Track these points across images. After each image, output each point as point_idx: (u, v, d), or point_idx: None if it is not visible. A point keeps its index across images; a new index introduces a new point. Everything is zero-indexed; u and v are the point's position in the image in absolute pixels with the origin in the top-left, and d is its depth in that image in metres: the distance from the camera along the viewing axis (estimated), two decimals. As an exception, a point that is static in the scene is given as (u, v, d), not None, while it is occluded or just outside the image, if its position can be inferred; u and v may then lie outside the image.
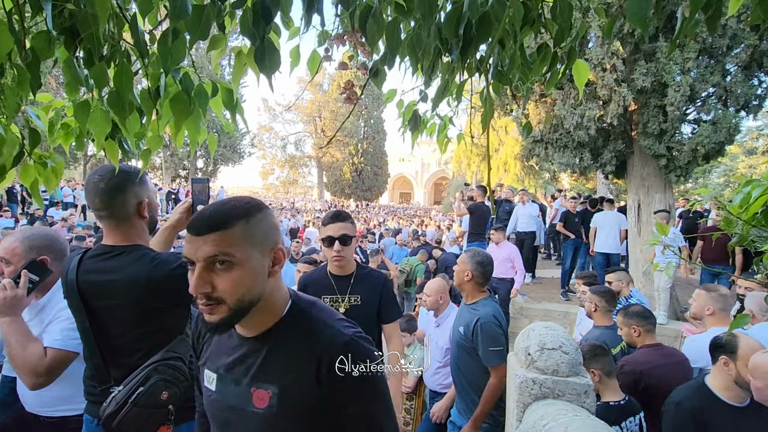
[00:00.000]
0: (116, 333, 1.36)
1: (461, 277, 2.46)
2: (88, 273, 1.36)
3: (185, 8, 0.92)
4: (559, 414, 1.47)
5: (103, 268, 1.36)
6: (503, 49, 1.07)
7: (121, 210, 1.40)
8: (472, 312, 2.40)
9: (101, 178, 1.38)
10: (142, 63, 1.13)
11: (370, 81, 1.15)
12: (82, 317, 1.35)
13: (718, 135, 5.95)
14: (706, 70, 5.96)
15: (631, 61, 6.36)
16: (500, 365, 2.24)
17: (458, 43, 0.94)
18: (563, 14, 1.07)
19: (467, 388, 2.44)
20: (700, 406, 1.91)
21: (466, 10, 0.90)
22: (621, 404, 2.12)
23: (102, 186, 1.38)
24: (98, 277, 1.35)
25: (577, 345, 1.75)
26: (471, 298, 2.48)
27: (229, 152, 28.35)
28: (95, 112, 1.12)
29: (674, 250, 1.68)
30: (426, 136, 1.67)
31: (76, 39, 1.07)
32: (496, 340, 2.28)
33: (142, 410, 1.28)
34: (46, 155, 1.37)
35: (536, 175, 19.26)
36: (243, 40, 1.12)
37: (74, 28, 1.09)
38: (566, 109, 6.64)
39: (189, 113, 1.12)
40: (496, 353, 2.26)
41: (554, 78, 1.23)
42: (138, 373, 1.32)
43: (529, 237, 7.94)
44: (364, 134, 35.72)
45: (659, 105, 6.24)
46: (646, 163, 6.87)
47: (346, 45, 1.13)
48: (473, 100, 1.47)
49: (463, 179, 22.23)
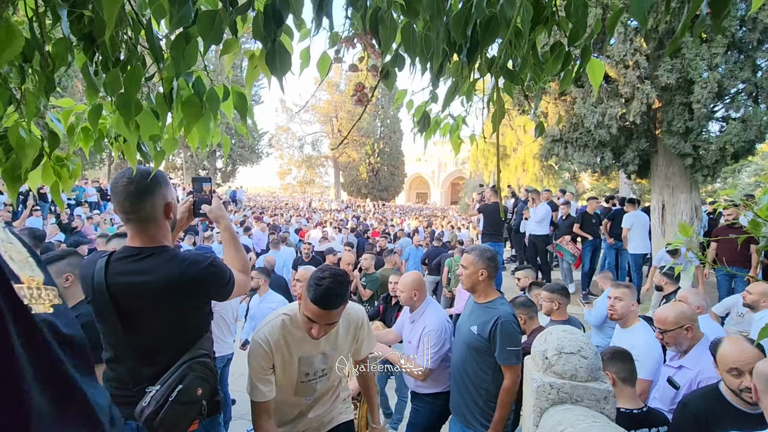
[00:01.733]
0: (148, 333, 1.39)
1: (475, 278, 2.39)
2: (118, 275, 1.37)
3: (188, 14, 0.93)
4: (577, 420, 1.43)
5: (134, 270, 1.38)
6: (514, 49, 1.04)
7: (150, 212, 1.42)
8: (489, 310, 2.34)
9: (130, 180, 1.38)
10: (157, 67, 1.16)
11: (382, 83, 1.14)
12: (112, 319, 1.35)
13: (748, 133, 5.72)
14: (735, 65, 5.73)
15: (655, 57, 6.17)
16: (515, 366, 2.22)
17: (466, 44, 0.93)
18: (578, 12, 1.04)
19: (472, 391, 2.35)
20: (707, 409, 1.85)
21: (474, 11, 0.89)
22: (633, 413, 2.03)
23: (132, 189, 1.38)
24: (131, 279, 1.36)
25: (596, 349, 1.70)
26: (485, 297, 2.41)
27: (247, 152, 28.85)
28: (118, 116, 1.15)
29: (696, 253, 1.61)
30: (441, 136, 1.66)
31: (94, 45, 1.10)
32: (515, 340, 2.26)
33: (181, 407, 1.33)
34: (64, 156, 1.41)
35: (556, 174, 18.88)
36: (256, 44, 1.12)
37: (93, 35, 1.12)
38: (586, 107, 6.49)
39: (200, 116, 1.14)
40: (514, 353, 2.23)
41: (568, 77, 1.19)
42: (174, 371, 1.36)
43: (541, 240, 7.58)
44: (381, 134, 35.75)
45: (685, 102, 6.04)
46: (671, 163, 6.65)
47: (356, 47, 1.13)
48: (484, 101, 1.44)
49: (480, 179, 22.00)
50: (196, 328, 1.48)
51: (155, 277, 1.36)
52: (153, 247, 1.43)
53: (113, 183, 1.40)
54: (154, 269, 1.37)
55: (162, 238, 1.47)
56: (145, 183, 1.40)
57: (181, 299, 1.39)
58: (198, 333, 1.48)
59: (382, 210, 26.36)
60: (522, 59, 1.11)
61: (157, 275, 1.36)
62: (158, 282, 1.36)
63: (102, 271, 1.36)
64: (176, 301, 1.39)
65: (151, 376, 1.37)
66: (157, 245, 1.44)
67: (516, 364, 2.22)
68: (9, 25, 0.89)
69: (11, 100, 1.13)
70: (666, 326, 2.35)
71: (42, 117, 1.33)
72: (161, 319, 1.39)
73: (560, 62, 1.12)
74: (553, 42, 1.15)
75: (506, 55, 1.05)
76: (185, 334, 1.44)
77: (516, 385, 2.25)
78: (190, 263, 1.41)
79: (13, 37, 0.89)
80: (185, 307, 1.42)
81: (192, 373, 1.38)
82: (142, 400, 1.31)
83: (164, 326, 1.40)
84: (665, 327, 2.35)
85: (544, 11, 1.06)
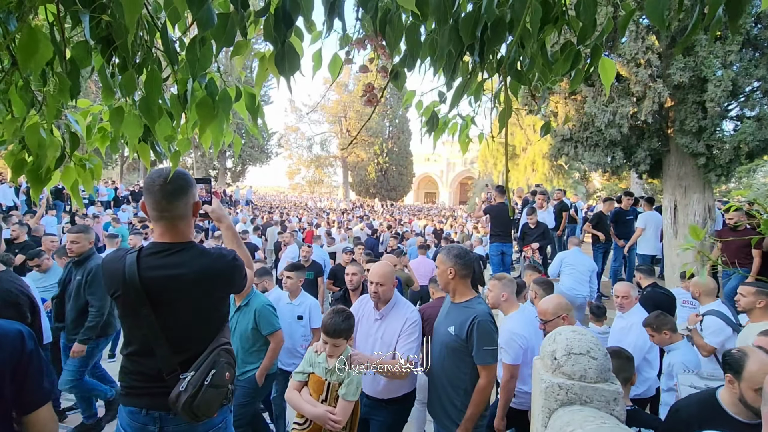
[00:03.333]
0: (181, 324, 1.48)
1: (445, 276, 2.39)
2: (152, 269, 1.45)
3: (211, 18, 0.96)
4: (585, 421, 1.43)
5: (168, 264, 1.46)
6: (524, 49, 1.05)
7: (183, 210, 1.51)
8: (465, 310, 2.32)
9: (167, 180, 1.46)
10: (171, 69, 1.18)
11: (391, 84, 1.15)
12: (144, 311, 1.43)
13: (764, 132, 5.61)
14: (750, 63, 5.63)
15: (668, 55, 6.08)
16: (491, 365, 2.23)
17: (475, 45, 0.94)
18: (587, 11, 1.04)
19: (449, 392, 2.33)
20: (699, 416, 1.83)
21: (484, 13, 0.90)
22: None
23: (169, 188, 1.46)
24: (165, 272, 1.45)
25: (605, 351, 1.69)
26: (461, 297, 2.40)
27: (256, 152, 29.08)
28: (129, 117, 1.18)
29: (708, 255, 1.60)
30: (450, 135, 1.66)
31: (111, 48, 1.13)
32: (491, 339, 2.26)
33: (215, 390, 1.44)
34: (86, 157, 1.45)
35: (566, 174, 18.70)
36: (267, 46, 1.15)
37: (110, 38, 1.15)
38: (597, 106, 6.42)
39: (213, 117, 1.17)
40: (490, 352, 2.23)
41: (578, 77, 1.19)
42: (206, 358, 1.47)
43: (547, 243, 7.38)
44: (389, 134, 35.75)
45: (698, 101, 5.94)
46: (684, 162, 6.55)
47: (367, 48, 1.15)
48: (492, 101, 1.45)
49: (489, 179, 21.87)
50: (221, 318, 1.59)
51: (189, 269, 1.46)
52: (183, 242, 1.51)
53: (149, 182, 1.47)
54: (187, 263, 1.47)
55: (189, 234, 1.56)
56: (181, 183, 1.48)
57: (211, 290, 1.50)
58: (222, 322, 1.60)
59: (390, 210, 26.34)
60: (530, 59, 1.12)
61: (190, 268, 1.46)
62: (192, 274, 1.45)
63: (134, 266, 1.43)
64: (206, 292, 1.49)
65: (182, 363, 1.46)
66: (186, 241, 1.53)
67: (492, 363, 2.23)
68: (33, 30, 0.92)
69: (33, 102, 1.16)
70: (546, 317, 2.64)
71: (60, 119, 1.37)
72: (193, 309, 1.48)
73: (570, 62, 1.12)
74: (564, 41, 1.15)
75: (515, 54, 1.05)
76: (212, 323, 1.54)
77: (491, 384, 2.27)
78: (217, 257, 1.53)
79: (38, 42, 0.92)
80: (213, 297, 1.53)
81: (221, 359, 1.48)
82: (178, 386, 1.40)
83: (196, 316, 1.50)
84: (546, 317, 2.65)
85: (554, 10, 1.07)
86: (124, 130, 1.18)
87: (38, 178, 1.30)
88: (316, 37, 1.22)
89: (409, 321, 2.49)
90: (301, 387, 2.23)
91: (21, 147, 1.32)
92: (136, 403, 1.49)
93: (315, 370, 2.20)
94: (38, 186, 1.33)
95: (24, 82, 1.12)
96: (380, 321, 2.58)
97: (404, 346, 2.43)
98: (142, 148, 1.45)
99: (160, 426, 1.46)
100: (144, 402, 1.48)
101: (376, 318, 2.59)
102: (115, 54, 1.19)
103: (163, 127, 1.24)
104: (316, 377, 2.19)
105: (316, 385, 2.18)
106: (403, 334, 2.46)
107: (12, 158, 1.33)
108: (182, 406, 1.38)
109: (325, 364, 2.16)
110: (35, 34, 0.97)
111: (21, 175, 1.33)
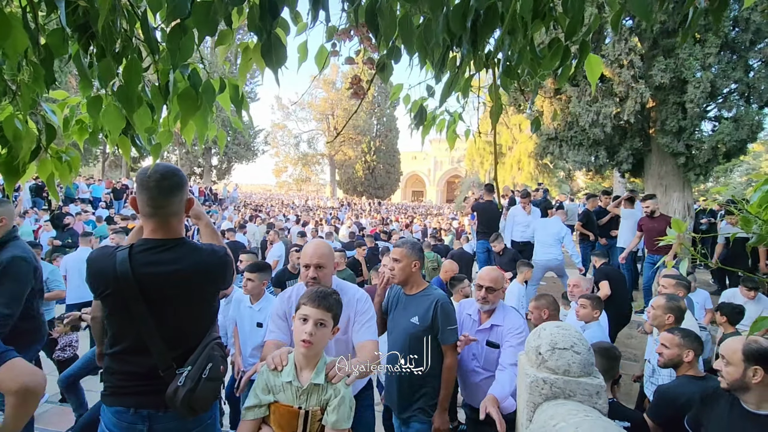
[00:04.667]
0: (176, 319, 1.47)
1: (408, 270, 2.41)
2: (145, 266, 1.42)
3: (184, 5, 0.93)
4: (569, 414, 1.45)
5: (162, 260, 1.44)
6: (513, 42, 1.05)
7: (178, 207, 1.50)
8: (425, 298, 2.40)
9: (163, 176, 1.44)
10: (152, 59, 1.15)
11: (377, 76, 1.14)
12: (138, 308, 1.40)
13: (740, 132, 5.78)
14: (728, 65, 5.79)
15: (650, 57, 6.22)
16: (454, 343, 2.32)
17: (466, 35, 0.93)
18: (575, 7, 1.05)
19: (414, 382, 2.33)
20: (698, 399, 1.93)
21: (474, 3, 0.89)
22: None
23: (165, 184, 1.44)
24: (160, 268, 1.42)
25: (589, 345, 1.72)
26: (417, 287, 2.46)
27: (243, 150, 28.68)
28: (108, 108, 1.15)
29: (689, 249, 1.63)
30: (438, 133, 1.66)
31: (87, 35, 1.09)
32: (453, 319, 2.37)
33: (211, 384, 1.45)
34: (63, 150, 1.41)
35: (550, 173, 18.99)
36: (250, 36, 1.12)
37: (87, 25, 1.11)
38: (581, 106, 6.53)
39: (197, 109, 1.14)
40: (453, 331, 2.33)
41: (566, 73, 1.20)
42: (201, 352, 1.47)
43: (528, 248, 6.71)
44: (377, 132, 35.71)
45: (678, 102, 6.09)
46: (664, 162, 6.71)
47: (353, 39, 1.13)
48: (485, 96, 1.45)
49: (476, 177, 22.05)
50: (213, 313, 1.60)
51: (184, 265, 1.45)
52: (175, 239, 1.50)
53: (144, 178, 1.43)
54: (181, 259, 1.45)
55: (181, 230, 1.54)
56: (176, 179, 1.46)
57: (205, 285, 1.50)
58: (214, 317, 1.61)
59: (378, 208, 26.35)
60: (519, 53, 1.12)
61: (185, 264, 1.45)
62: (187, 270, 1.45)
63: (126, 262, 1.40)
64: (200, 288, 1.49)
65: (175, 359, 1.45)
66: (177, 237, 1.51)
67: (455, 341, 2.33)
68: (6, 17, 0.88)
69: (6, 91, 1.12)
70: (497, 285, 2.57)
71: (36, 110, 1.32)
72: (187, 305, 1.48)
73: (558, 58, 1.13)
74: (551, 38, 1.16)
75: (505, 47, 1.05)
76: (205, 318, 1.55)
77: (456, 362, 2.36)
78: (210, 252, 1.53)
79: (11, 29, 0.88)
80: (207, 293, 1.53)
81: (215, 353, 1.49)
82: (175, 381, 1.39)
83: (190, 312, 1.49)
84: (497, 286, 2.57)
85: (542, 5, 1.07)
86: (104, 123, 1.14)
87: (13, 171, 1.25)
88: (302, 28, 1.20)
89: (360, 301, 2.11)
90: (257, 428, 1.55)
91: (-7, 139, 1.27)
92: (123, 403, 1.46)
93: (279, 396, 1.53)
94: (13, 179, 1.28)
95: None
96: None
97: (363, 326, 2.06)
98: (122, 142, 1.40)
99: (149, 425, 1.45)
100: (132, 401, 1.45)
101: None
102: (92, 42, 1.15)
103: (143, 119, 1.21)
104: (283, 407, 1.51)
105: (285, 418, 1.51)
106: (358, 314, 2.09)
107: (-16, 150, 1.27)
108: (181, 401, 1.37)
109: (296, 382, 1.50)
110: (8, 21, 0.93)
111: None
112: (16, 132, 1.16)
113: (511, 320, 2.50)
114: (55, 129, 1.33)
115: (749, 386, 1.69)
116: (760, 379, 1.65)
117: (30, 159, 1.31)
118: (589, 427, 1.31)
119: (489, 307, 2.54)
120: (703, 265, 4.49)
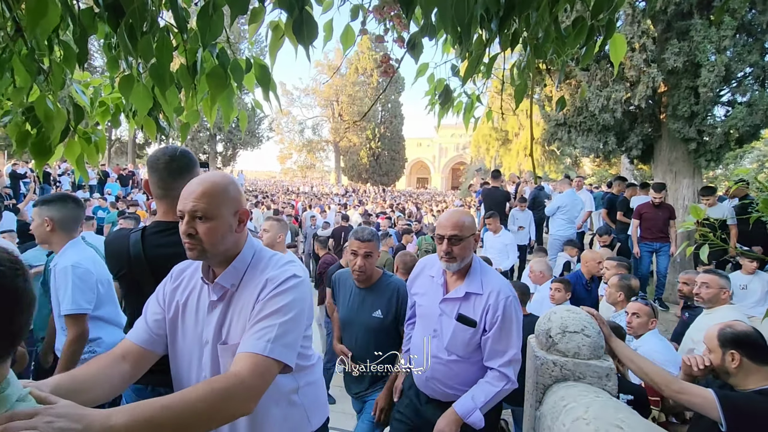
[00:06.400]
0: None
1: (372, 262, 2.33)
2: (158, 248, 1.45)
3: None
4: (579, 395, 1.48)
5: (173, 242, 1.44)
6: (540, 20, 1.05)
7: None
8: (385, 288, 2.33)
9: (172, 158, 1.45)
10: (180, 38, 1.16)
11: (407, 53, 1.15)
12: (150, 289, 1.42)
13: (754, 117, 5.69)
14: (743, 48, 5.67)
15: (663, 40, 6.10)
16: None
17: (498, 13, 0.93)
18: (602, -16, 1.04)
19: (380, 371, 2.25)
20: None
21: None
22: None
23: (175, 166, 1.45)
24: (171, 250, 1.44)
25: (599, 329, 1.75)
26: (376, 276, 2.36)
27: (247, 136, 28.62)
28: (137, 88, 1.16)
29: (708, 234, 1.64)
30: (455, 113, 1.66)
31: (118, 15, 1.10)
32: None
33: None
34: (90, 131, 1.43)
35: (557, 160, 18.83)
36: (280, 14, 1.13)
37: (116, 4, 1.12)
38: (591, 91, 6.44)
39: (225, 88, 1.15)
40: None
41: (590, 52, 1.20)
42: None
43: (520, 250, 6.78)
44: (382, 118, 35.43)
45: (691, 86, 5.99)
46: (675, 147, 6.64)
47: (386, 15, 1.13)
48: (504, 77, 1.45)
49: (481, 164, 21.91)
50: None
51: None
52: None
53: (154, 160, 1.46)
54: None
55: None
56: (186, 161, 1.47)
57: None
58: None
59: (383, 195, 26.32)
60: (545, 32, 1.12)
61: None
62: None
63: (139, 244, 1.43)
64: None
65: None
66: None
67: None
68: (42, -8, 0.89)
69: (39, 71, 1.13)
70: (464, 233, 1.79)
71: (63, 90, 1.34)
72: None
73: (583, 36, 1.12)
74: (576, 16, 1.16)
75: (532, 26, 1.05)
76: None
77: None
78: None
79: (46, 6, 0.89)
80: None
81: None
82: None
83: None
84: (462, 233, 1.77)
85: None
86: (133, 102, 1.16)
87: (43, 151, 1.27)
88: (327, 6, 1.20)
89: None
90: None
91: (24, 119, 1.29)
92: (141, 380, 1.50)
93: None
94: (42, 159, 1.31)
95: (29, 50, 1.09)
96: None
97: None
98: (148, 122, 1.42)
99: None
100: (148, 379, 1.46)
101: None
102: (121, 22, 1.16)
103: (171, 98, 1.22)
104: None
105: None
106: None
107: (16, 130, 1.30)
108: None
109: None
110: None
111: (25, 148, 1.30)
112: (47, 112, 1.18)
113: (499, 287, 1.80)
114: (83, 110, 1.35)
115: (730, 371, 1.72)
116: (738, 363, 1.68)
117: (60, 139, 1.33)
118: (599, 407, 1.34)
119: (456, 266, 1.81)
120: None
